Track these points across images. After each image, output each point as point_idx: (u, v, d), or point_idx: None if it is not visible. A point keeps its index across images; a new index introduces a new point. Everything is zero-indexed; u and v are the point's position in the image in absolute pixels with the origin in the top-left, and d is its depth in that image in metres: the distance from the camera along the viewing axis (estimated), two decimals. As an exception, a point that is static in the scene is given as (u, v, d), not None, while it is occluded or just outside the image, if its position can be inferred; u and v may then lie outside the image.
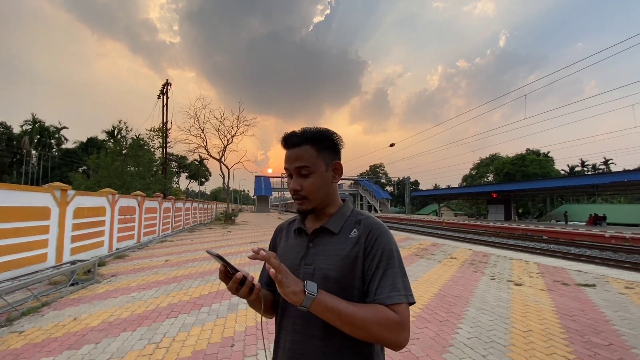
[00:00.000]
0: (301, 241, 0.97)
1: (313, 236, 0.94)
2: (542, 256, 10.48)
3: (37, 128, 52.55)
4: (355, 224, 0.92)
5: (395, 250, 0.87)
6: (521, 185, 28.83)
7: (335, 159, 0.95)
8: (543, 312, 4.14)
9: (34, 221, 5.53)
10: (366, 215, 0.94)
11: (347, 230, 0.91)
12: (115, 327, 3.55)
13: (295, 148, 0.92)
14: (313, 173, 0.90)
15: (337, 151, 0.96)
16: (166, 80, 21.35)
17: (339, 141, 0.96)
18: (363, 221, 0.92)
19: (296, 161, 0.90)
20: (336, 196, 0.98)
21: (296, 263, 0.92)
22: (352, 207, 1.00)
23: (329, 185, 0.94)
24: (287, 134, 0.94)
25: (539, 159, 40.08)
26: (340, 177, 0.96)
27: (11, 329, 3.46)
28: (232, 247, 9.96)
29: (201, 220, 21.94)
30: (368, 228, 0.89)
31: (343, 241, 0.89)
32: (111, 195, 8.53)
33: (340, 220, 0.93)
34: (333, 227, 0.92)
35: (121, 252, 8.54)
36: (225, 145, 24.91)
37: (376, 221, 0.92)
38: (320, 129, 0.94)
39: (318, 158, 0.91)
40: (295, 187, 0.91)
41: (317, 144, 0.91)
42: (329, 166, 0.93)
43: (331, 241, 0.90)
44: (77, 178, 18.70)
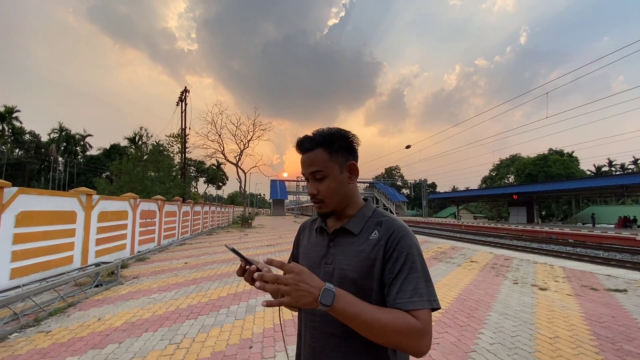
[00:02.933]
0: (322, 240, 0.97)
1: (333, 236, 0.94)
2: (568, 260, 10.08)
3: (63, 136, 54.99)
4: (376, 225, 0.90)
5: (418, 253, 0.83)
6: (544, 186, 27.83)
7: (350, 159, 0.93)
8: (570, 318, 3.96)
9: (62, 225, 5.76)
10: (388, 217, 0.92)
11: (367, 231, 0.90)
12: (137, 327, 3.64)
13: (308, 153, 0.92)
14: (327, 176, 0.90)
15: (352, 151, 0.94)
16: (184, 88, 21.92)
17: (353, 140, 0.94)
18: (385, 223, 0.90)
19: (310, 166, 0.91)
20: (356, 196, 0.97)
21: (317, 261, 0.94)
22: (374, 207, 0.98)
23: (345, 187, 0.92)
24: (300, 138, 0.94)
25: (563, 159, 38.67)
26: (357, 177, 0.95)
27: (39, 329, 3.61)
28: (250, 250, 10.06)
29: (219, 223, 22.29)
30: (390, 230, 0.87)
31: (363, 242, 0.88)
32: (133, 200, 8.80)
33: (360, 221, 0.92)
34: (353, 227, 0.91)
35: (142, 255, 8.78)
36: (242, 150, 25.30)
37: (399, 223, 0.89)
38: (332, 130, 0.92)
39: (331, 161, 0.90)
40: (311, 192, 0.92)
41: (329, 147, 0.90)
42: (343, 167, 0.91)
43: (351, 242, 0.90)
44: (101, 183, 19.42)
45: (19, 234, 4.77)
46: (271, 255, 9.02)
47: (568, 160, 38.92)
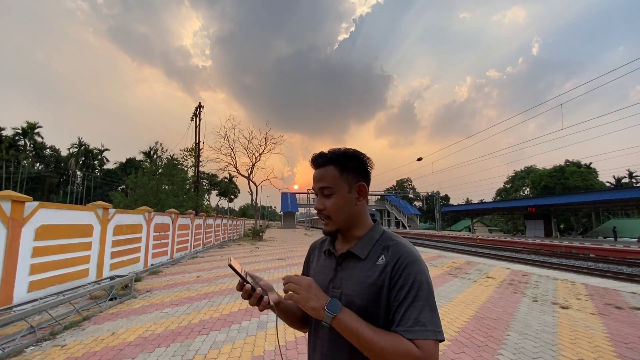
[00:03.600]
0: (330, 263, 0.97)
1: (341, 259, 0.93)
2: (590, 276, 9.70)
3: (82, 150, 56.83)
4: (383, 250, 0.88)
5: (425, 281, 0.81)
6: (562, 198, 27.06)
7: (360, 180, 0.93)
8: (595, 339, 3.78)
9: (79, 238, 5.89)
10: (396, 241, 0.90)
11: (374, 256, 0.88)
12: (150, 342, 3.64)
13: (320, 168, 0.93)
14: (335, 194, 0.90)
15: (363, 173, 0.95)
16: (199, 103, 22.49)
17: (366, 162, 0.95)
18: (392, 247, 0.88)
19: (319, 181, 0.92)
20: (364, 218, 0.96)
21: (325, 285, 0.93)
22: (382, 229, 0.96)
23: (352, 206, 0.92)
24: (315, 154, 0.95)
25: (580, 171, 37.68)
26: (365, 199, 0.95)
27: (54, 343, 3.65)
28: (260, 264, 10.03)
29: (230, 236, 22.38)
30: (396, 255, 0.85)
31: (369, 268, 0.87)
32: (147, 213, 8.95)
33: (367, 244, 0.91)
34: (360, 252, 0.90)
35: (155, 268, 8.85)
36: (254, 163, 25.61)
37: (407, 248, 0.87)
38: (347, 150, 0.94)
39: (340, 179, 0.90)
40: (318, 207, 0.93)
41: (341, 165, 0.91)
42: (352, 187, 0.92)
43: (358, 267, 0.89)
44: (117, 197, 19.84)
45: (38, 247, 4.89)
46: (282, 270, 8.98)
47: (586, 172, 37.90)
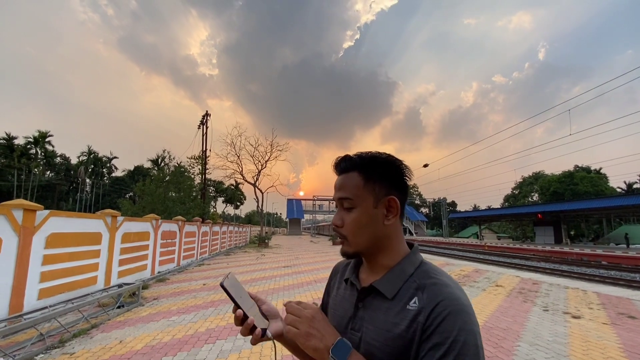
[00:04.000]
0: (351, 296, 0.78)
1: (363, 295, 0.74)
2: (603, 284, 9.49)
3: (91, 158, 57.79)
4: (417, 289, 0.67)
5: (472, 343, 0.58)
6: (572, 204, 26.64)
7: (392, 193, 0.74)
8: (608, 350, 3.69)
9: (88, 246, 5.97)
10: (435, 279, 0.67)
11: (405, 296, 0.68)
12: (157, 351, 3.65)
13: (342, 175, 0.77)
14: (356, 207, 0.73)
15: (397, 184, 0.75)
16: (206, 112, 22.79)
17: (401, 171, 0.75)
18: (429, 288, 0.66)
19: (339, 190, 0.76)
20: (395, 242, 0.75)
21: (343, 323, 0.76)
22: (419, 260, 0.74)
23: (378, 226, 0.73)
24: (338, 158, 0.80)
25: (590, 176, 37.17)
26: (396, 217, 0.74)
27: (63, 351, 3.68)
28: (266, 272, 10.02)
29: (236, 243, 22.42)
30: (434, 300, 0.63)
31: (397, 312, 0.66)
32: (155, 221, 9.03)
33: (397, 280, 0.71)
34: (386, 288, 0.70)
35: (162, 276, 8.90)
36: (260, 170, 25.72)
37: (449, 291, 0.64)
38: (376, 154, 0.76)
39: (365, 189, 0.73)
40: (335, 222, 0.76)
41: (367, 172, 0.74)
42: (379, 201, 0.73)
43: (383, 308, 0.69)
44: (125, 204, 20.06)
45: (48, 255, 4.97)
46: (288, 277, 8.95)
47: (596, 177, 37.36)
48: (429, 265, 0.73)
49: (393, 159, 0.76)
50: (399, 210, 0.74)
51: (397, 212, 0.74)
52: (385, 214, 0.74)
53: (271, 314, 0.81)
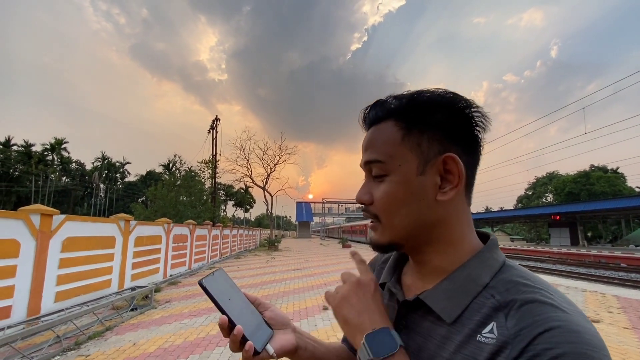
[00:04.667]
0: (391, 307, 0.54)
1: (406, 310, 0.50)
2: (622, 287, 9.19)
3: (105, 164, 59.15)
4: (496, 310, 0.41)
5: None
6: (589, 205, 25.98)
7: (449, 149, 0.47)
8: (629, 355, 3.57)
9: (102, 250, 6.08)
10: (532, 295, 0.39)
11: (473, 319, 0.42)
12: (169, 353, 3.69)
13: (371, 127, 0.53)
14: (389, 174, 0.48)
15: (459, 135, 0.48)
16: (216, 116, 23.10)
17: (465, 114, 0.48)
18: (521, 308, 0.39)
19: (366, 150, 0.52)
20: (456, 232, 0.49)
21: None
22: (500, 262, 0.47)
23: (425, 204, 0.47)
24: (367, 106, 0.55)
25: (607, 176, 36.24)
26: (457, 190, 0.47)
27: (79, 353, 3.75)
28: (277, 274, 10.04)
29: (246, 246, 22.55)
30: (531, 330, 0.36)
31: (460, 346, 0.41)
32: (167, 224, 9.15)
33: (460, 293, 0.45)
34: (442, 306, 0.45)
35: (174, 279, 9.00)
36: (269, 174, 25.97)
37: (561, 316, 0.36)
38: (422, 91, 0.50)
39: (403, 146, 0.48)
40: (359, 197, 0.52)
41: (408, 119, 0.48)
42: (427, 163, 0.47)
43: (437, 335, 0.45)
44: (138, 208, 20.41)
45: (64, 259, 5.07)
46: (298, 280, 8.94)
47: (613, 177, 36.39)
48: (517, 269, 0.46)
49: (451, 95, 0.49)
50: (463, 178, 0.47)
51: (459, 181, 0.46)
52: (438, 183, 0.47)
53: (278, 323, 0.56)
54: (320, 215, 55.95)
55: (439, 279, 0.48)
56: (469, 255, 0.48)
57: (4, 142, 47.39)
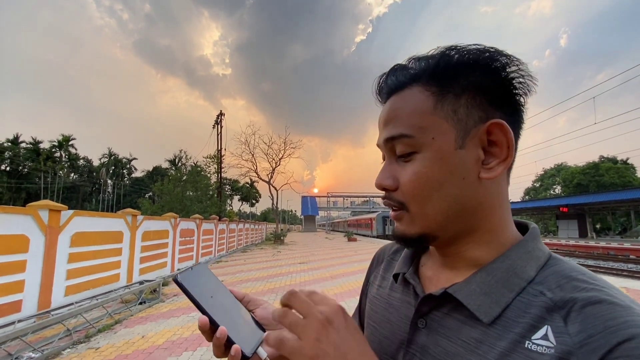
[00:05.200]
0: (405, 303, 0.47)
1: (428, 307, 0.42)
2: (631, 279, 9.10)
3: (112, 160, 59.76)
4: (550, 311, 0.33)
5: None
6: (598, 197, 25.61)
7: (491, 115, 0.39)
8: None
9: (110, 244, 6.14)
10: (597, 293, 0.33)
11: (519, 320, 0.35)
12: (178, 346, 3.72)
13: (392, 97, 0.44)
14: (420, 150, 0.40)
15: (504, 97, 0.40)
16: (220, 111, 23.17)
17: (508, 70, 0.40)
18: (585, 309, 0.32)
19: (387, 125, 0.43)
20: (497, 217, 0.41)
21: (390, 351, 0.45)
22: (545, 254, 0.40)
23: (467, 184, 0.39)
24: (384, 72, 0.46)
25: (617, 167, 35.68)
26: (505, 164, 0.39)
27: (89, 345, 3.80)
28: (283, 268, 10.08)
29: (252, 240, 22.69)
30: (606, 340, 0.29)
31: (507, 352, 0.33)
32: (173, 219, 9.21)
33: (502, 286, 0.37)
34: (478, 302, 0.37)
35: (182, 273, 9.08)
36: (274, 168, 25.99)
37: (636, 321, 0.29)
38: (452, 48, 0.41)
39: (436, 115, 0.39)
40: (380, 182, 0.43)
41: (440, 83, 0.40)
42: (468, 134, 0.39)
43: (469, 337, 0.37)
44: (145, 204, 20.63)
45: (73, 254, 5.14)
46: (304, 274, 8.97)
47: (623, 168, 35.82)
48: (567, 262, 0.38)
49: (491, 50, 0.40)
50: (514, 150, 0.39)
51: (509, 153, 0.39)
52: (481, 158, 0.39)
53: (271, 323, 0.45)
54: (326, 209, 56.11)
55: (471, 271, 0.40)
56: (507, 245, 0.40)
57: (12, 140, 48.04)
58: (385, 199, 0.44)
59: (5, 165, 46.62)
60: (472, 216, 0.40)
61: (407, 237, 0.42)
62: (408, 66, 0.43)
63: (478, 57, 0.39)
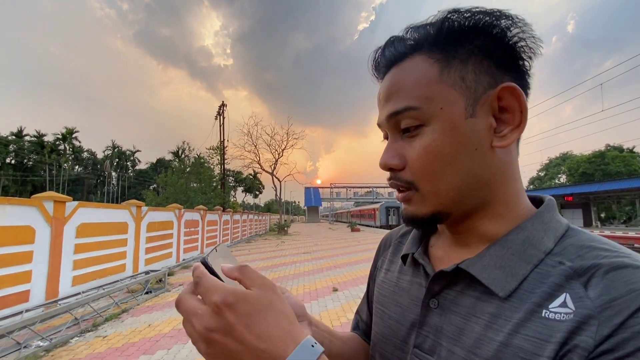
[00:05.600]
0: (415, 284, 0.45)
1: (439, 285, 0.40)
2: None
3: (116, 153, 59.99)
4: (569, 279, 0.32)
5: None
6: (603, 185, 25.41)
7: (500, 80, 0.37)
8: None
9: (115, 235, 6.19)
10: (619, 259, 0.31)
11: (536, 290, 0.33)
12: (184, 334, 3.76)
13: (392, 70, 0.41)
14: (428, 123, 0.37)
15: (512, 61, 0.38)
16: (222, 102, 23.04)
17: (513, 32, 0.37)
18: (608, 277, 0.30)
19: (388, 100, 0.40)
20: (514, 186, 0.39)
21: (400, 334, 0.44)
22: (563, 225, 0.38)
23: (481, 153, 0.37)
24: (380, 46, 0.43)
25: (623, 156, 35.30)
26: (518, 131, 0.37)
27: (97, 334, 3.86)
28: (287, 257, 10.15)
29: (256, 231, 22.83)
30: (630, 303, 0.27)
31: (522, 322, 0.32)
32: (178, 210, 9.26)
33: (518, 258, 0.35)
34: (493, 276, 0.35)
35: (187, 263, 9.18)
36: (277, 159, 25.96)
37: None
38: (453, 11, 0.38)
39: (443, 83, 0.37)
40: (385, 161, 0.40)
41: (444, 49, 0.38)
42: (478, 101, 0.37)
43: (484, 312, 0.35)
44: (149, 195, 20.74)
45: (79, 244, 5.18)
46: (308, 263, 9.02)
47: (629, 157, 35.43)
48: (587, 233, 0.36)
49: (496, 13, 0.37)
50: (527, 114, 0.37)
51: (523, 118, 0.37)
52: (493, 125, 0.37)
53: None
54: (329, 200, 56.22)
55: (485, 246, 0.38)
56: (522, 217, 0.38)
57: (16, 133, 48.27)
58: (392, 179, 0.41)
59: (10, 158, 46.98)
60: (486, 189, 0.38)
61: (419, 217, 0.40)
62: (406, 37, 0.41)
63: (482, 20, 0.37)
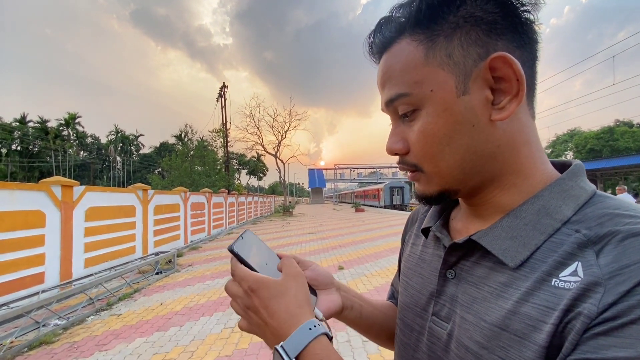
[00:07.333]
0: (436, 256, 0.46)
1: (455, 256, 0.41)
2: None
3: (119, 137, 60.06)
4: (581, 247, 0.30)
5: None
6: (610, 162, 25.11)
7: (493, 48, 0.35)
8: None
9: (123, 218, 6.29)
10: (637, 229, 0.28)
11: (547, 259, 0.32)
12: (195, 311, 3.89)
13: (383, 56, 0.41)
14: (421, 108, 0.37)
15: (504, 22, 0.35)
16: (223, 83, 22.69)
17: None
18: (623, 244, 0.28)
19: (383, 88, 0.41)
20: (526, 154, 0.37)
21: (421, 303, 0.46)
22: (589, 191, 0.36)
23: (480, 128, 0.36)
24: (373, 30, 0.42)
25: (632, 131, 34.63)
26: (517, 100, 0.34)
27: (111, 312, 3.99)
28: (292, 238, 10.29)
29: (262, 213, 23.09)
30: (638, 269, 0.26)
31: (530, 290, 0.32)
32: (183, 193, 9.35)
33: (532, 227, 0.35)
34: (504, 246, 0.35)
35: (195, 244, 9.36)
36: (280, 141, 25.85)
37: None
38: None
39: (429, 65, 0.36)
40: (390, 147, 0.41)
41: (426, 28, 0.36)
42: (469, 77, 0.35)
43: (495, 280, 0.36)
44: (154, 179, 20.97)
45: (89, 228, 5.28)
46: (313, 243, 9.15)
47: (639, 132, 34.68)
48: (615, 199, 0.34)
49: None
50: (524, 81, 0.34)
51: (520, 87, 0.34)
52: (489, 98, 0.35)
53: (321, 284, 0.50)
54: (333, 181, 56.35)
55: (499, 215, 0.38)
56: (541, 185, 0.37)
57: (19, 119, 48.37)
58: (400, 163, 0.43)
59: (16, 145, 47.31)
60: (492, 162, 0.37)
61: (428, 195, 0.41)
62: (392, 17, 0.39)
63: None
